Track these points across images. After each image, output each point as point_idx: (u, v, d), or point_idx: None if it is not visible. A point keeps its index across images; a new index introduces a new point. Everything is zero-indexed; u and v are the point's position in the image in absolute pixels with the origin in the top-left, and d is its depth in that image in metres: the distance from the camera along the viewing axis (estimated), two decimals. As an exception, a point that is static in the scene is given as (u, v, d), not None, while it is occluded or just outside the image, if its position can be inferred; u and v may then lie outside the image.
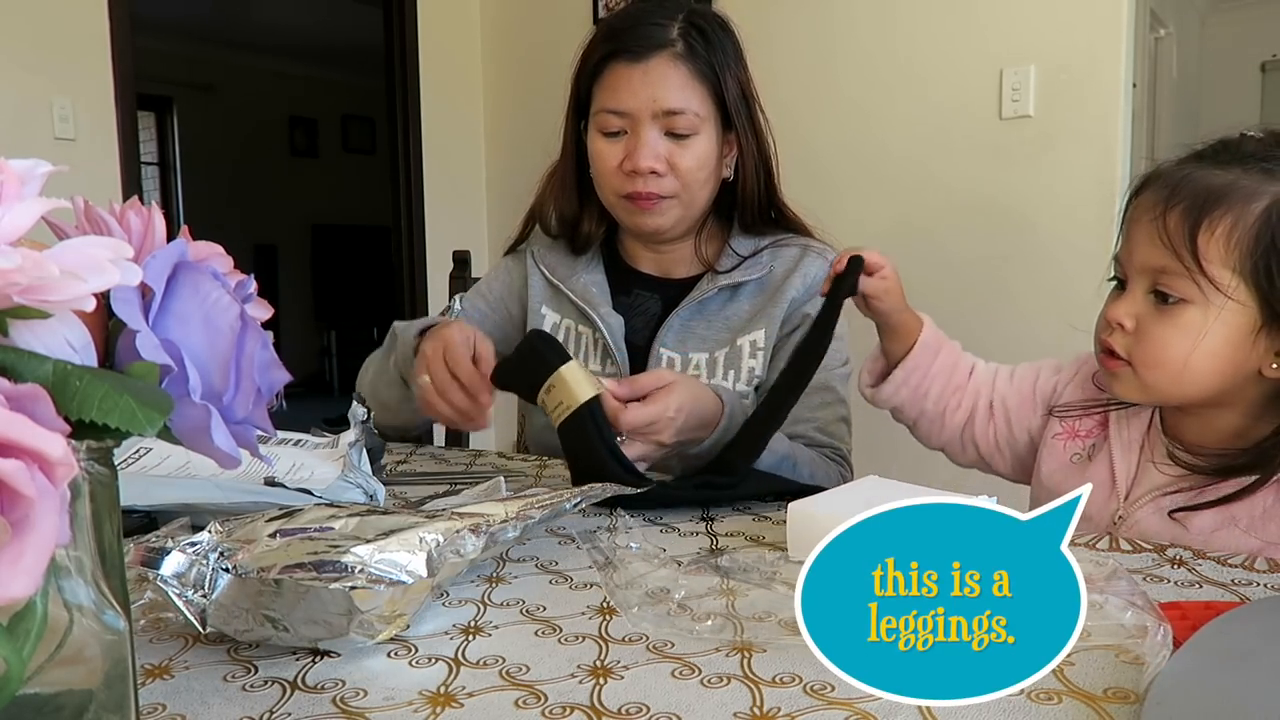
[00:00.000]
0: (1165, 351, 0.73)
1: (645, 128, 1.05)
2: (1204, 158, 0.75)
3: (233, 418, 0.37)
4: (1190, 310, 0.72)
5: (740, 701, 0.45)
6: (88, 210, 0.37)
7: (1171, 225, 0.72)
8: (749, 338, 1.12)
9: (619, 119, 1.06)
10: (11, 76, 2.65)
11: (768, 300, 1.13)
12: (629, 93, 1.04)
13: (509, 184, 3.57)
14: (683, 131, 1.05)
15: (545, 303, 1.18)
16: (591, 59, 1.08)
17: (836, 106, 2.64)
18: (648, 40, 1.04)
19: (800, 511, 0.67)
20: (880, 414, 1.01)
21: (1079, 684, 0.46)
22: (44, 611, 0.30)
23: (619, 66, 1.05)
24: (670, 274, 1.19)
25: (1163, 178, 0.75)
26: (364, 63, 5.17)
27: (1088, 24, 2.25)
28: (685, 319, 1.13)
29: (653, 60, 1.04)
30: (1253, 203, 0.70)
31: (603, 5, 3.23)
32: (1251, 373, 0.73)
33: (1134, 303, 0.76)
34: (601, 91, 1.07)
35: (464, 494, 0.77)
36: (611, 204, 1.12)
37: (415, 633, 0.54)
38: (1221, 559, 0.67)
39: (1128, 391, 0.78)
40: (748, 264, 1.14)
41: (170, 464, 0.76)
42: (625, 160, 1.06)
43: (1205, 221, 0.70)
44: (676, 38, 1.05)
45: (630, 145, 1.06)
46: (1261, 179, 0.71)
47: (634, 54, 1.04)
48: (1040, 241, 2.32)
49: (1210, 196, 0.71)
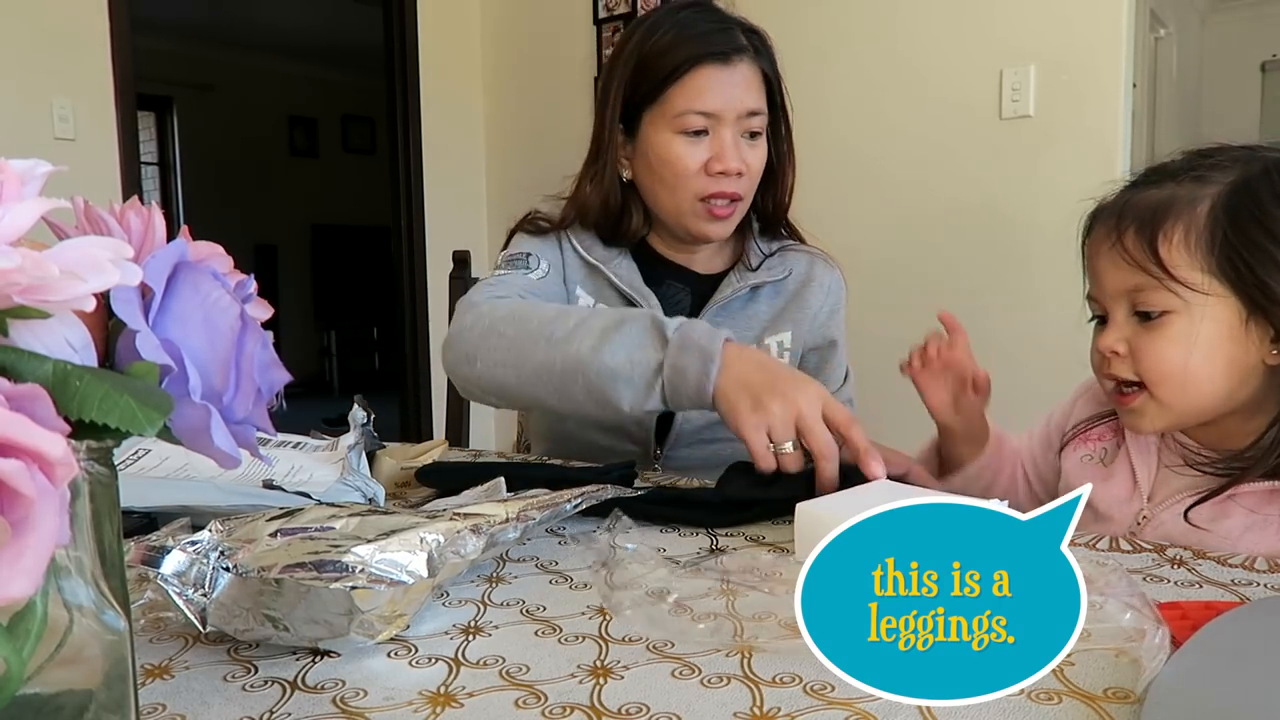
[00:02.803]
0: (1163, 364, 0.74)
1: (729, 129, 1.06)
2: (1137, 184, 0.79)
3: (233, 418, 0.37)
4: (1176, 320, 0.74)
5: (740, 701, 0.45)
6: (88, 210, 0.37)
7: (1130, 246, 0.74)
8: (776, 338, 1.15)
9: (705, 119, 1.06)
10: (11, 76, 2.65)
11: (787, 303, 1.16)
12: (719, 95, 1.05)
13: (509, 184, 3.57)
14: (756, 131, 1.09)
15: (580, 284, 1.16)
16: (666, 61, 1.07)
17: (836, 106, 2.64)
18: (731, 43, 1.07)
19: (807, 512, 0.67)
20: (880, 415, 1.01)
21: (1079, 684, 0.46)
22: (44, 611, 0.30)
23: (707, 69, 1.05)
24: (696, 267, 1.19)
25: (1107, 209, 0.79)
26: (364, 63, 5.18)
27: (1088, 24, 2.25)
28: (714, 316, 1.14)
29: (739, 64, 1.06)
30: (1196, 206, 0.73)
31: (603, 5, 3.23)
32: (1255, 367, 0.74)
33: (1119, 329, 0.77)
34: (684, 93, 1.06)
35: (464, 494, 0.77)
36: (684, 208, 1.10)
37: (415, 633, 0.54)
38: (1221, 559, 0.67)
39: (1151, 421, 0.78)
40: (769, 263, 1.17)
41: (169, 465, 0.76)
42: (713, 161, 1.06)
43: (1160, 234, 0.73)
44: (746, 43, 1.08)
45: (716, 146, 1.06)
46: (1195, 185, 0.74)
47: (723, 56, 1.06)
48: (1040, 241, 2.32)
49: (1157, 210, 0.74)
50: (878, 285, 2.29)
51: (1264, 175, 0.73)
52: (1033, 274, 2.33)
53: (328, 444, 0.90)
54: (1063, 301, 2.35)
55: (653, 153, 1.09)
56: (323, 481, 0.80)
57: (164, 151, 6.67)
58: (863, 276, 1.15)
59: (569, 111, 3.36)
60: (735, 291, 1.15)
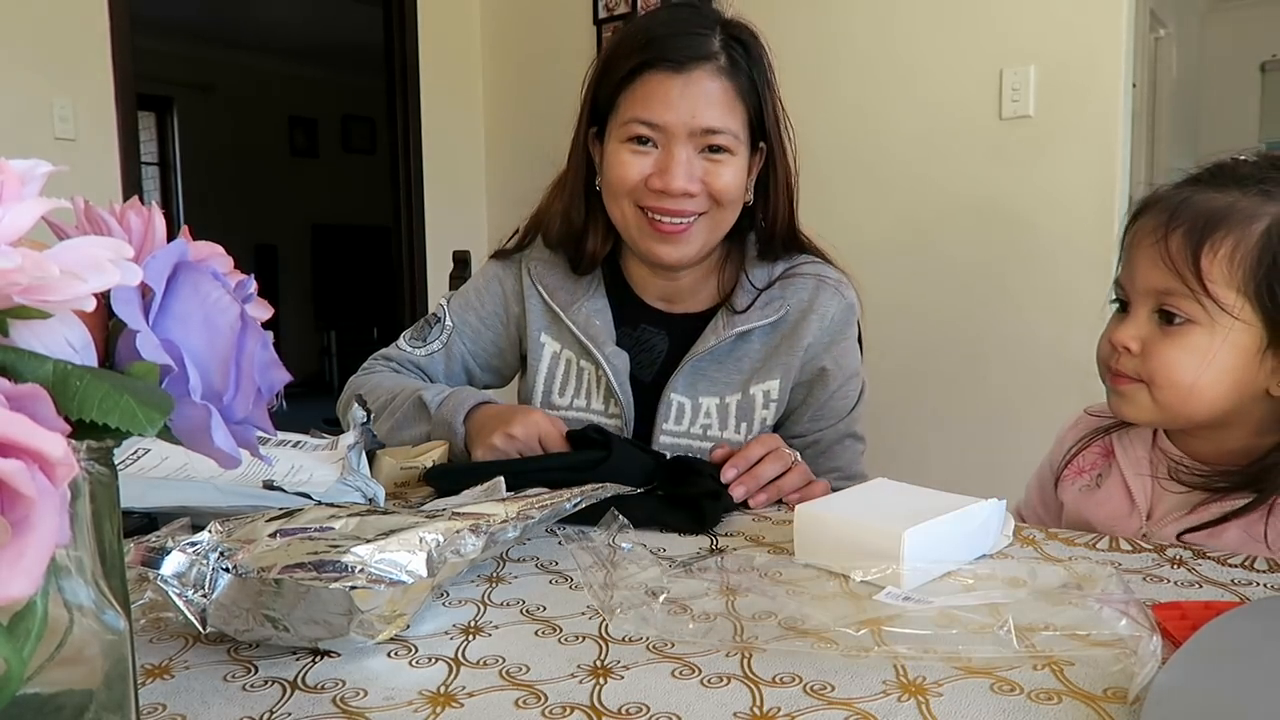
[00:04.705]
0: (1174, 373, 0.73)
1: (680, 144, 0.97)
2: (1201, 181, 0.76)
3: (233, 418, 0.37)
4: (1197, 331, 0.72)
5: (740, 701, 0.45)
6: (88, 210, 0.37)
7: (1174, 248, 0.72)
8: (762, 387, 1.05)
9: (651, 130, 0.97)
10: (11, 76, 2.65)
11: (782, 342, 1.06)
12: (665, 105, 0.96)
13: (509, 184, 3.57)
14: (719, 150, 0.98)
15: (544, 330, 1.11)
16: (622, 64, 0.99)
17: (836, 107, 2.64)
18: (690, 50, 0.96)
19: (808, 514, 0.67)
20: (879, 415, 1.01)
21: (1079, 684, 0.46)
22: (44, 611, 0.30)
23: (657, 75, 0.96)
24: (679, 306, 1.11)
25: (1162, 201, 0.76)
26: (364, 63, 5.17)
27: (1088, 24, 2.25)
28: (694, 366, 1.06)
29: (694, 72, 0.95)
30: (1253, 224, 0.71)
31: (603, 6, 3.23)
32: (1259, 392, 0.73)
33: (1139, 325, 0.76)
34: (632, 100, 0.98)
35: (464, 494, 0.77)
36: (626, 221, 1.02)
37: (415, 633, 0.54)
38: (1221, 559, 0.67)
39: (1139, 412, 0.77)
40: (762, 300, 1.06)
41: (169, 465, 0.76)
42: (655, 176, 0.97)
43: (1207, 243, 0.71)
44: (719, 50, 0.97)
45: (662, 162, 0.97)
46: (1260, 200, 0.72)
47: (675, 64, 0.95)
48: (1040, 241, 2.32)
49: (1211, 218, 0.72)
50: (877, 285, 2.28)
51: None
52: (1033, 274, 2.33)
53: (328, 443, 0.90)
54: (1062, 301, 2.35)
55: (605, 164, 1.02)
56: (323, 481, 0.79)
57: (164, 151, 6.66)
58: (862, 276, 1.14)
59: (569, 111, 3.36)
60: (719, 341, 1.04)
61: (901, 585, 0.59)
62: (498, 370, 1.18)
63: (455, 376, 1.15)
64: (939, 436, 2.48)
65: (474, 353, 1.15)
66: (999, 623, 0.50)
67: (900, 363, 2.43)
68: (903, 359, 2.44)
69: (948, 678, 0.47)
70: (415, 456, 0.93)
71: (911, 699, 0.45)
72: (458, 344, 1.15)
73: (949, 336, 2.47)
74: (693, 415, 1.06)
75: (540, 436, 0.92)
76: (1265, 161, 0.75)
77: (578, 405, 1.10)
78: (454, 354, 1.15)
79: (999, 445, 2.34)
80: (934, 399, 2.49)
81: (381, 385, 1.11)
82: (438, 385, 1.09)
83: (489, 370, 1.18)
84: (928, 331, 2.48)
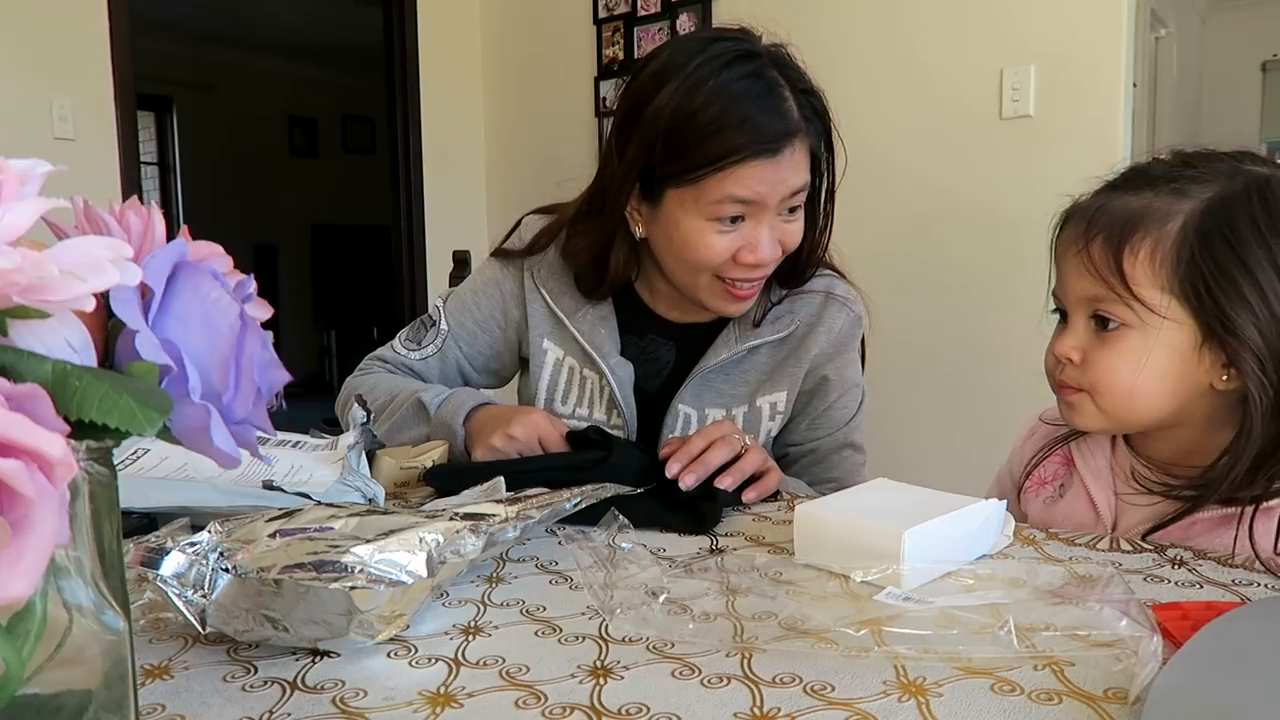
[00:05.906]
0: (1112, 379, 0.74)
1: (769, 214, 0.95)
2: (1116, 187, 0.77)
3: (232, 418, 0.37)
4: (1130, 335, 0.73)
5: (740, 701, 0.45)
6: (87, 210, 0.37)
7: (1096, 255, 0.73)
8: (769, 399, 1.06)
9: (743, 206, 0.94)
10: (11, 76, 2.65)
11: (789, 355, 1.06)
12: (764, 185, 0.93)
13: (509, 184, 3.57)
14: (797, 206, 0.98)
15: (547, 335, 1.10)
16: (713, 148, 0.91)
17: (836, 106, 2.63)
18: (786, 128, 0.93)
19: (808, 514, 0.67)
20: (878, 415, 1.01)
21: (1079, 684, 0.46)
22: (44, 611, 0.30)
23: (757, 161, 0.92)
24: (688, 316, 1.09)
25: (1080, 211, 0.77)
26: (364, 63, 5.17)
27: (1088, 24, 2.25)
28: (702, 379, 1.06)
29: (788, 151, 0.94)
30: (1169, 222, 0.71)
31: (603, 6, 3.23)
32: (1202, 388, 0.73)
33: (1077, 335, 0.76)
34: (724, 183, 0.92)
35: (464, 494, 0.77)
36: (697, 286, 1.00)
37: (415, 633, 0.54)
38: (1222, 559, 0.67)
39: (1086, 421, 0.78)
40: (772, 315, 1.06)
41: (169, 465, 0.76)
42: (744, 250, 0.95)
43: (1127, 247, 0.71)
44: (798, 118, 0.95)
45: (752, 235, 0.95)
46: (1173, 199, 0.72)
47: (775, 149, 0.92)
48: (1040, 241, 2.31)
49: (1128, 222, 0.72)
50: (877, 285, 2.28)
51: (1243, 195, 0.70)
52: (1032, 273, 2.33)
53: (327, 444, 0.90)
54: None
55: (677, 234, 0.96)
56: (322, 481, 0.79)
57: (164, 151, 6.66)
58: (862, 276, 1.14)
59: (569, 111, 3.37)
60: (732, 355, 1.05)
61: (902, 585, 0.59)
62: (495, 372, 1.18)
63: (450, 380, 1.15)
64: (938, 436, 2.48)
65: (469, 356, 1.15)
66: (999, 623, 0.50)
67: (900, 361, 2.43)
68: (902, 357, 2.43)
69: (948, 678, 0.47)
70: (415, 457, 0.93)
71: (912, 699, 0.45)
72: (453, 348, 1.14)
73: (948, 335, 2.47)
74: (700, 427, 1.05)
75: (540, 437, 0.92)
76: (1177, 159, 0.76)
77: (580, 414, 1.09)
78: (449, 358, 1.14)
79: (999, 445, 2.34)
80: (933, 398, 2.49)
81: (380, 386, 1.11)
82: (437, 386, 1.09)
83: (485, 373, 1.17)
84: (927, 330, 2.48)
